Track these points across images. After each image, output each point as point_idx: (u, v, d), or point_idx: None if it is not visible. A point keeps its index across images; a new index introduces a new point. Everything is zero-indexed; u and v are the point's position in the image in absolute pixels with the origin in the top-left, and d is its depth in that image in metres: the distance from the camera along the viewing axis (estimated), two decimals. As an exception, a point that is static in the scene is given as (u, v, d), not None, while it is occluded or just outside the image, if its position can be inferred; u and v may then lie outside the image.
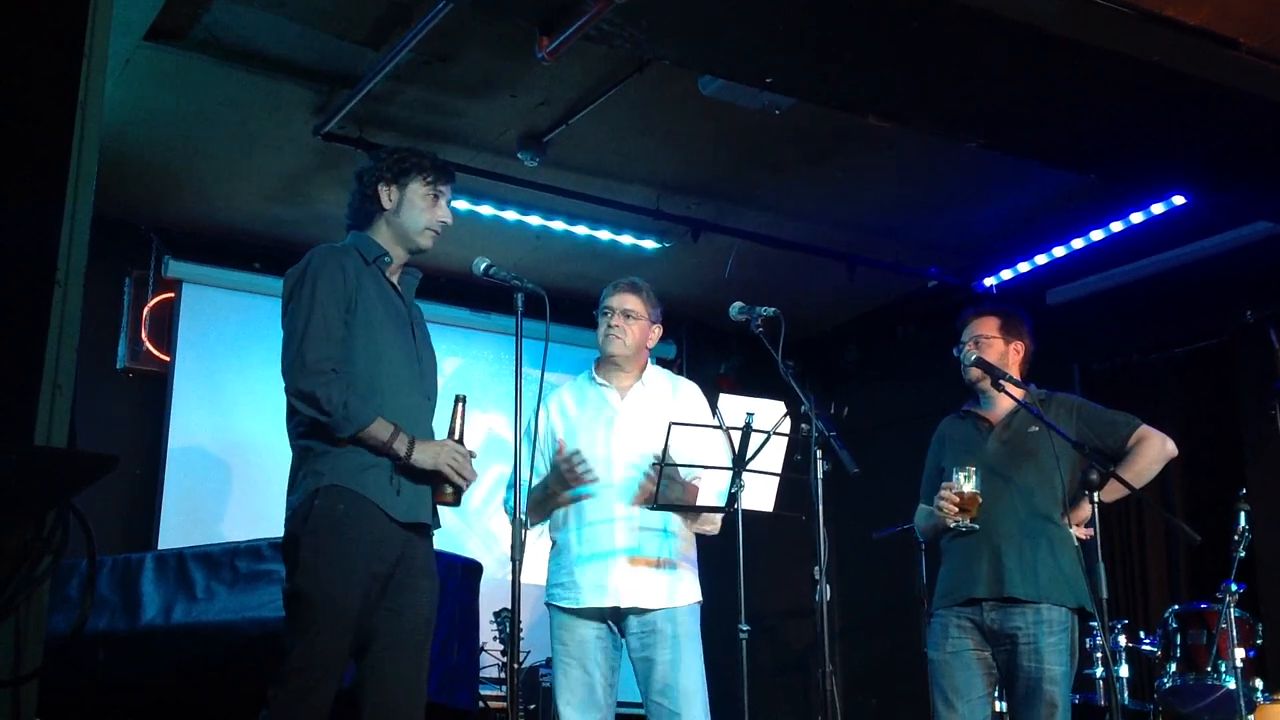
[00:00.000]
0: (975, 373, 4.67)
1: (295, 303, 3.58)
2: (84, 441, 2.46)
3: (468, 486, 3.64)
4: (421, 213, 3.77)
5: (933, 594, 4.72)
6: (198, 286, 7.46)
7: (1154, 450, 4.53)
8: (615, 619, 4.36)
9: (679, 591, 4.36)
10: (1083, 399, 4.76)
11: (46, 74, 2.32)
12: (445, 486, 3.60)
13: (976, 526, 4.44)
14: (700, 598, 4.41)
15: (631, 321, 4.46)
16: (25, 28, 2.31)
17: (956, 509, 4.43)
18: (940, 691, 4.53)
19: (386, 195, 3.77)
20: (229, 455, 7.34)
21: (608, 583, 4.30)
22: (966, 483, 4.43)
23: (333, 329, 3.54)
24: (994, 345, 4.72)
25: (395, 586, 3.55)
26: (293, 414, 3.58)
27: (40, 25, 2.33)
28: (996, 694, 4.92)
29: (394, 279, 3.79)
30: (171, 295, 7.41)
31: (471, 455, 3.65)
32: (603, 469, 4.36)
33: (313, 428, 3.51)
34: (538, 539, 4.44)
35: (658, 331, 4.58)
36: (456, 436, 3.63)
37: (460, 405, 3.66)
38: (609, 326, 4.47)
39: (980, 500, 4.42)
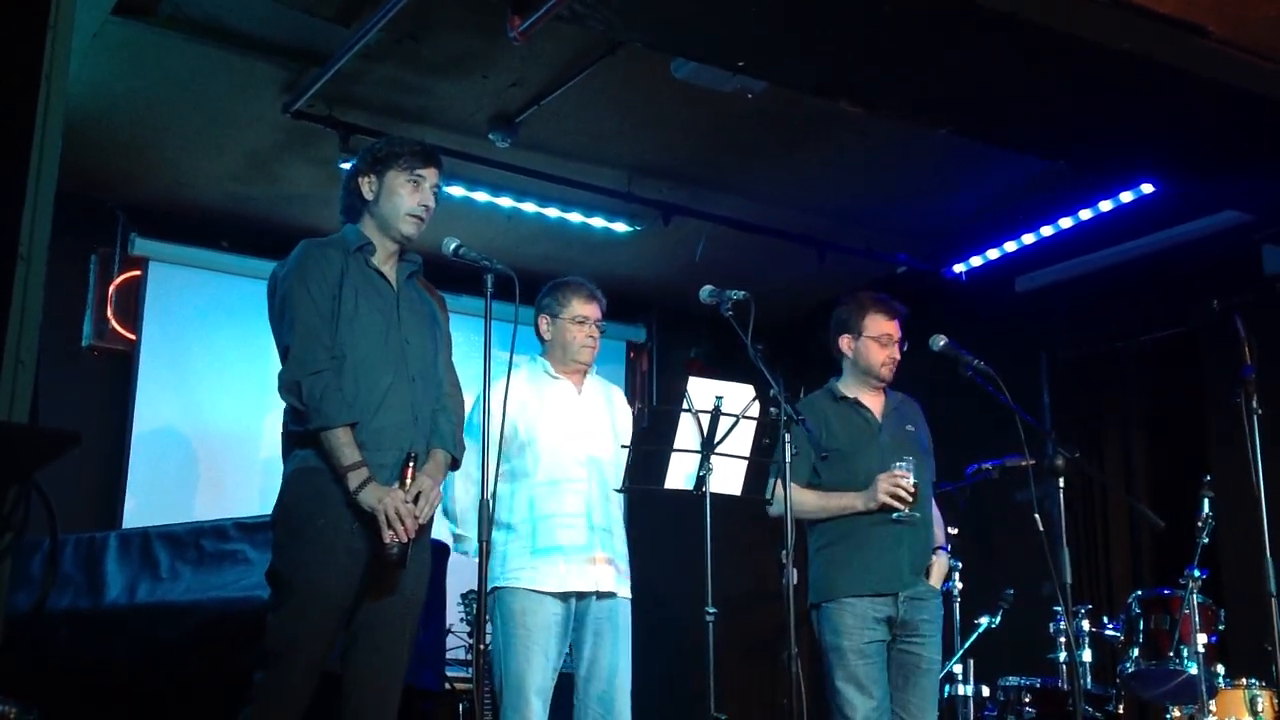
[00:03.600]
0: (890, 370, 4.84)
1: (288, 298, 3.65)
2: (48, 419, 2.43)
3: (405, 542, 3.53)
4: (401, 199, 3.79)
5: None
6: (164, 264, 7.39)
7: None
8: (580, 601, 4.48)
9: (626, 585, 4.61)
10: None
11: (9, 44, 2.29)
12: (389, 537, 3.50)
13: (919, 515, 4.60)
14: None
15: (599, 332, 4.70)
16: (-12, -2, 2.29)
17: (911, 499, 4.56)
18: (854, 680, 4.53)
19: (367, 186, 3.83)
20: (195, 434, 7.30)
21: (579, 569, 4.45)
22: (911, 473, 4.57)
23: (326, 322, 3.61)
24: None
25: (379, 564, 3.56)
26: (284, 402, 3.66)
27: (4, -5, 2.31)
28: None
29: (385, 267, 3.82)
30: (138, 273, 7.34)
31: (416, 516, 3.57)
32: (574, 462, 4.55)
33: (295, 415, 3.59)
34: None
35: None
36: (407, 490, 3.57)
37: (411, 464, 3.60)
38: (589, 337, 4.65)
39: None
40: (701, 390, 4.26)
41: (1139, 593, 5.73)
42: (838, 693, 4.55)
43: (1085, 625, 5.68)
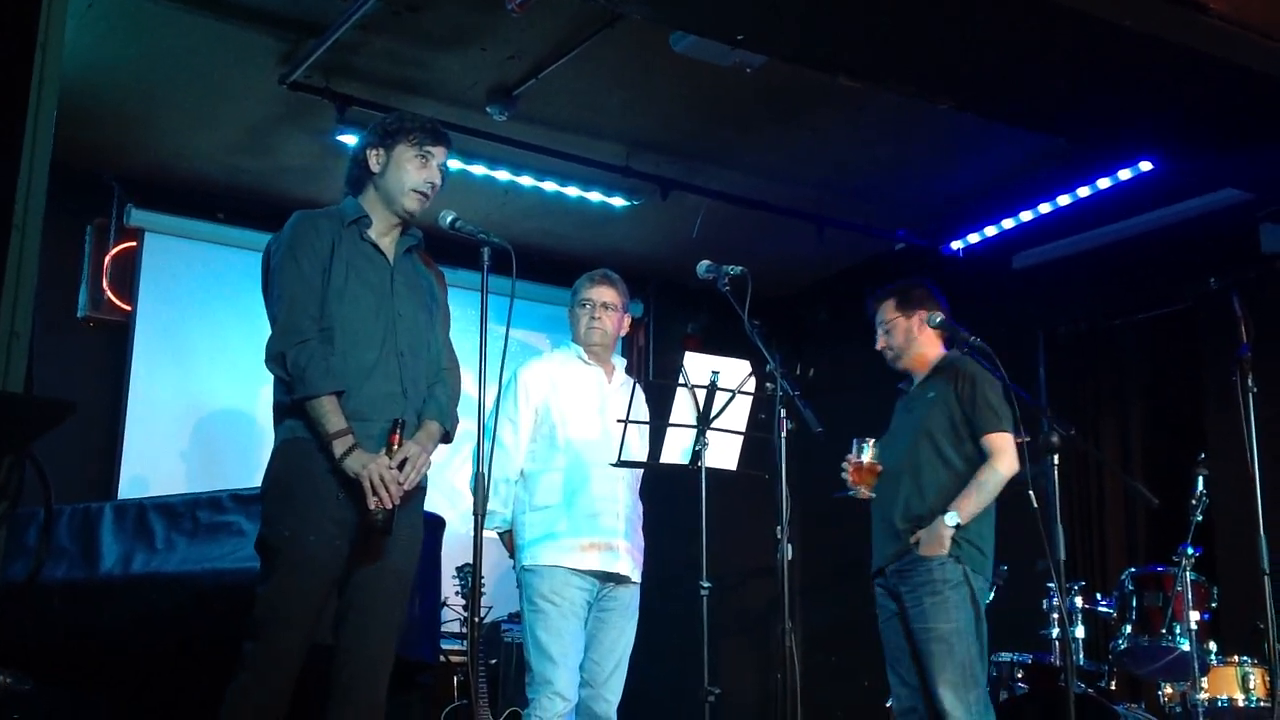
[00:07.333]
0: (890, 354, 4.95)
1: (277, 270, 3.67)
2: (43, 390, 2.43)
3: (390, 508, 3.52)
4: (408, 174, 3.79)
5: None
6: (160, 236, 7.37)
7: (1004, 467, 4.63)
8: (603, 583, 4.68)
9: (639, 571, 4.80)
10: (992, 374, 4.71)
11: (4, 14, 2.28)
12: (373, 503, 3.49)
13: (873, 495, 4.65)
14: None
15: (610, 312, 4.83)
16: (-17, -35, 2.27)
17: (855, 479, 4.63)
18: (887, 658, 4.79)
19: (374, 159, 3.83)
20: (190, 406, 7.29)
21: (603, 553, 4.64)
22: (864, 453, 4.63)
23: (314, 293, 3.61)
24: (898, 325, 4.92)
25: (366, 533, 3.56)
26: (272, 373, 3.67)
27: (-2, -37, 2.29)
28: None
29: (382, 241, 3.81)
30: (134, 244, 7.31)
31: (401, 482, 3.55)
32: (602, 449, 4.64)
33: (282, 386, 3.61)
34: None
35: (629, 321, 4.99)
36: (391, 457, 3.57)
37: (398, 430, 3.61)
38: (592, 318, 4.81)
39: (879, 469, 4.61)
40: (698, 365, 4.28)
41: (1132, 569, 5.74)
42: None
43: (1078, 601, 5.69)
